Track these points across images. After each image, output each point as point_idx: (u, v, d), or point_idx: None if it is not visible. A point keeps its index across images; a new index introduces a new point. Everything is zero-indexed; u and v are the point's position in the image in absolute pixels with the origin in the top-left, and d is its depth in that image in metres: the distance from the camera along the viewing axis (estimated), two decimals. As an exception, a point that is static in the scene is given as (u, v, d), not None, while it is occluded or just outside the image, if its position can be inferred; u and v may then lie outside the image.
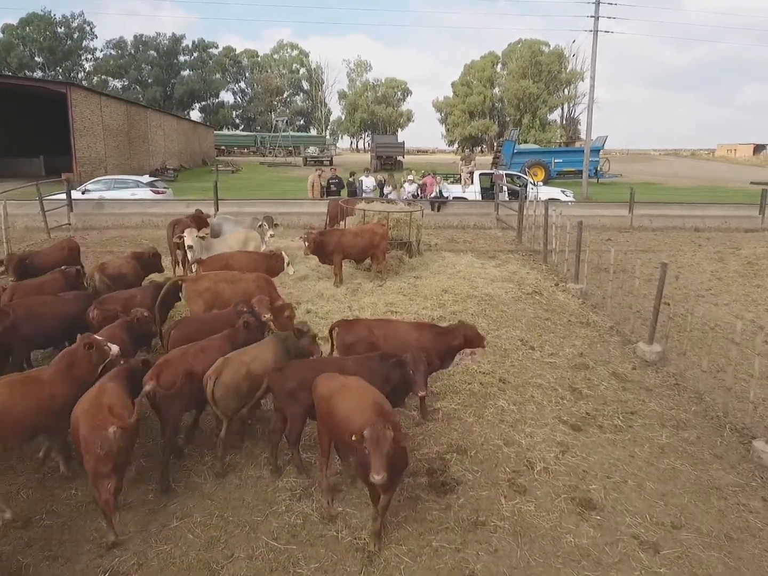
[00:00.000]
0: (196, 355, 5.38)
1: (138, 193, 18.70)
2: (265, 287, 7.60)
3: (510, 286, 11.15)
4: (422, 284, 11.01)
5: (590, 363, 7.99)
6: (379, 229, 10.78)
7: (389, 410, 4.42)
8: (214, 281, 7.40)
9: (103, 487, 4.28)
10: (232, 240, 9.73)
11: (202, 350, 5.47)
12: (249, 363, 5.30)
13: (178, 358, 5.27)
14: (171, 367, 5.13)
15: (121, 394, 4.68)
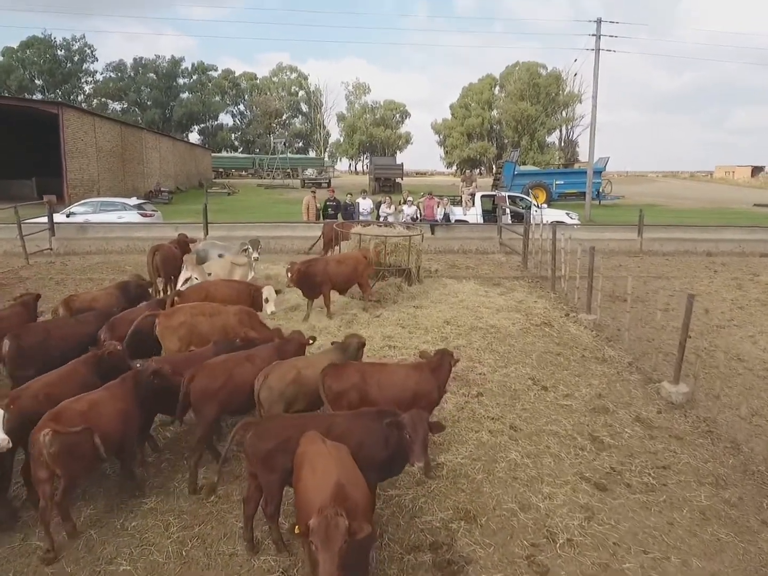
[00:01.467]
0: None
1: (125, 216, 17.95)
2: (247, 321, 6.84)
3: (517, 316, 10.37)
4: (423, 315, 10.22)
5: (610, 406, 7.18)
6: (363, 256, 10.06)
7: (357, 493, 3.56)
8: (191, 315, 6.61)
9: (42, 492, 4.27)
10: (216, 267, 8.95)
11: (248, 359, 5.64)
12: (301, 368, 5.40)
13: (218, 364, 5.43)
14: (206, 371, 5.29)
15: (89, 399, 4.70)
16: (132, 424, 5.00)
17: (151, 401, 5.22)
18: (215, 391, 5.22)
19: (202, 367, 5.35)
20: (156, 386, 5.19)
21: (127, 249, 15.26)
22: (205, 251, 10.55)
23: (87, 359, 5.71)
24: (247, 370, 5.46)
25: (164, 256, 9.78)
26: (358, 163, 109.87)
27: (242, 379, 5.36)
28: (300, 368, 5.43)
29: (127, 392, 5.03)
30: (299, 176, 55.95)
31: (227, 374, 5.33)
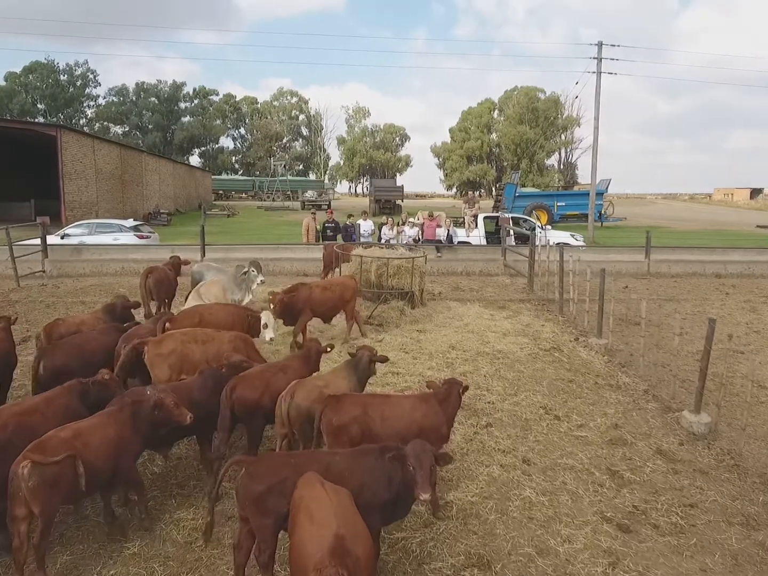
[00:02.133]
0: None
1: (121, 238, 17.63)
2: (243, 348, 6.44)
3: (525, 341, 9.96)
4: (427, 339, 9.81)
5: (628, 437, 6.74)
6: (349, 282, 9.65)
7: (358, 547, 3.15)
8: (182, 341, 6.22)
9: (17, 532, 3.89)
10: (204, 290, 8.56)
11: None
12: (322, 387, 5.41)
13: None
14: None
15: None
16: (126, 457, 4.61)
17: (149, 434, 4.83)
18: (258, 400, 5.39)
19: (242, 378, 5.49)
20: (156, 419, 4.79)
21: (122, 271, 14.90)
22: (200, 273, 10.18)
23: (71, 387, 5.34)
24: (282, 380, 5.64)
25: (157, 279, 9.41)
26: (358, 185, 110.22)
27: (278, 389, 5.49)
28: (320, 387, 5.44)
29: (124, 422, 4.65)
30: (299, 198, 55.94)
31: (266, 384, 5.53)
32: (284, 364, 5.97)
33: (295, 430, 5.31)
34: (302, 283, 9.13)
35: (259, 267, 9.90)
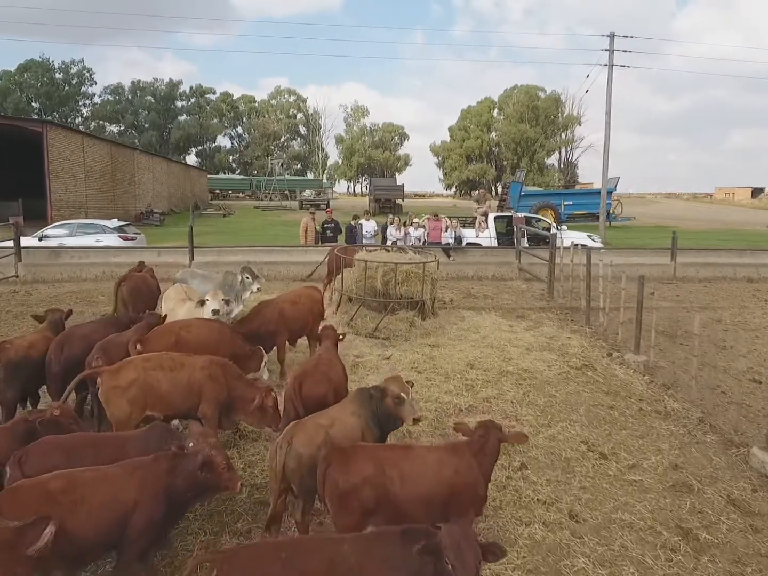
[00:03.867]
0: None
1: (103, 240, 16.41)
2: (221, 376, 5.29)
3: (552, 357, 8.78)
4: (441, 356, 8.63)
5: (692, 481, 5.58)
6: (315, 294, 8.38)
7: None
8: (144, 369, 5.04)
9: None
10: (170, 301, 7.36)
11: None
12: (327, 428, 4.40)
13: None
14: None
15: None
16: (138, 530, 3.50)
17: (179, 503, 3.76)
18: (325, 395, 5.15)
19: (305, 373, 5.39)
20: (198, 483, 3.74)
21: (103, 276, 13.64)
22: (183, 281, 8.99)
23: (13, 427, 4.34)
24: (340, 370, 5.63)
25: (133, 288, 8.21)
26: (357, 185, 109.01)
27: (338, 380, 5.47)
28: (326, 427, 4.43)
29: (153, 479, 3.63)
30: (297, 198, 54.73)
31: (327, 377, 5.35)
32: (330, 350, 5.90)
33: (294, 485, 4.24)
34: (265, 302, 7.74)
35: (252, 273, 8.72)
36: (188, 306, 6.89)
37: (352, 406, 4.81)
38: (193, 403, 5.28)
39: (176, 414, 5.39)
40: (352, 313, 9.74)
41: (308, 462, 4.14)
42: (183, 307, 6.88)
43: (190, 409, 5.31)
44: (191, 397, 5.26)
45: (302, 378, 5.23)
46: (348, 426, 4.62)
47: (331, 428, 4.43)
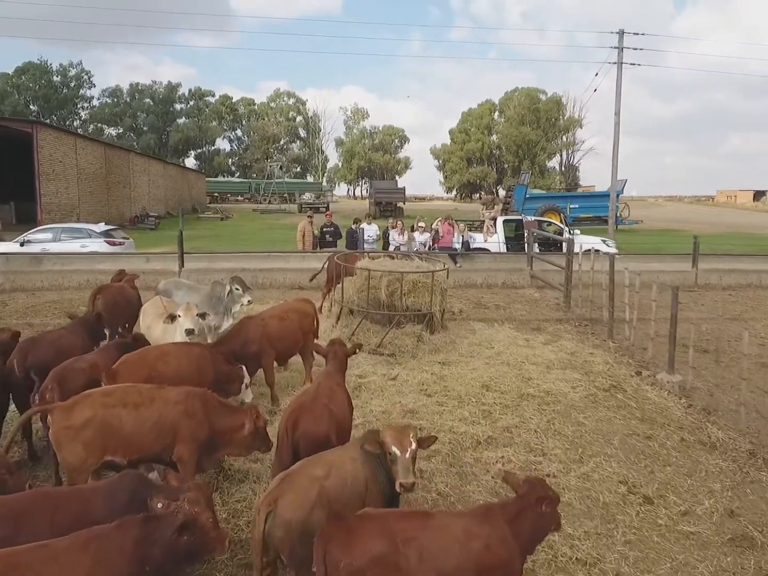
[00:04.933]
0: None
1: (89, 245, 15.55)
2: (200, 411, 4.44)
3: (575, 376, 7.91)
4: (452, 375, 7.76)
5: (753, 533, 4.74)
6: (307, 308, 7.41)
7: None
8: (103, 406, 4.19)
9: None
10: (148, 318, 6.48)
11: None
12: (322, 479, 3.54)
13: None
14: None
15: None
16: None
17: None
18: (326, 435, 4.25)
19: (301, 408, 4.43)
20: (178, 549, 2.91)
21: (86, 284, 12.67)
22: (167, 293, 8.12)
23: None
24: (344, 402, 4.77)
25: (110, 301, 7.35)
26: (357, 188, 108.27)
27: (343, 414, 4.63)
28: (320, 479, 3.54)
29: (116, 555, 2.82)
30: (296, 201, 53.89)
31: (328, 411, 4.42)
32: (331, 377, 4.95)
33: (283, 557, 3.41)
34: (247, 319, 6.82)
35: (243, 284, 7.84)
36: (167, 324, 6.03)
37: (354, 452, 3.95)
38: (165, 444, 4.43)
39: (144, 458, 4.53)
40: (353, 326, 8.87)
41: (299, 528, 3.32)
42: (161, 325, 6.02)
43: (162, 452, 4.46)
44: (163, 437, 4.40)
45: (298, 414, 4.35)
46: (348, 477, 3.75)
47: (329, 480, 3.58)
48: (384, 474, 3.87)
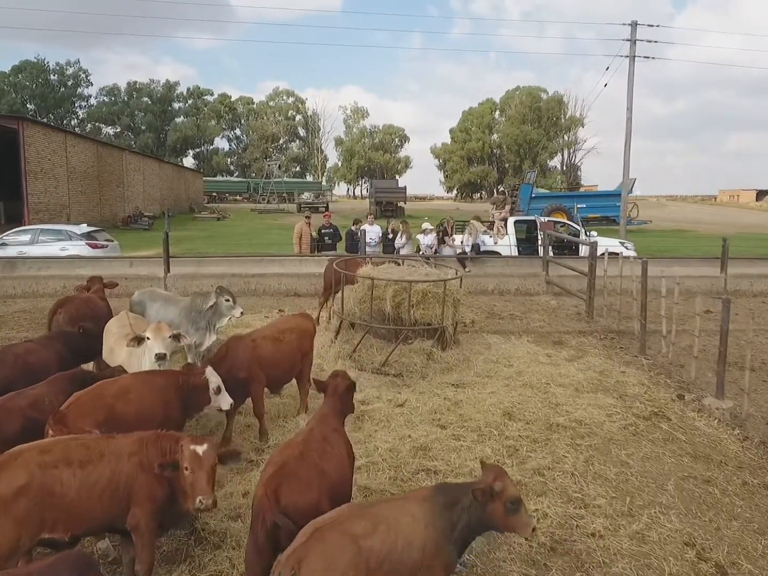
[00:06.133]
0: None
1: (69, 248, 14.50)
2: (156, 462, 3.45)
3: (609, 401, 6.89)
4: (469, 401, 6.74)
5: None
6: (305, 324, 6.41)
7: None
8: (40, 468, 3.21)
9: None
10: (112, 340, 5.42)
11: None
12: (360, 538, 2.73)
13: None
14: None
15: None
16: None
17: None
18: (316, 504, 3.32)
19: (284, 469, 3.42)
20: None
21: (64, 291, 11.46)
22: (141, 304, 7.12)
23: None
24: (341, 456, 3.79)
25: (74, 317, 6.30)
26: (357, 187, 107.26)
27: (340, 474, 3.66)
28: (359, 538, 2.80)
29: None
30: (295, 200, 52.85)
31: (319, 474, 3.49)
32: (321, 433, 3.85)
33: None
34: (236, 337, 5.79)
35: (231, 295, 6.82)
36: (133, 347, 5.01)
37: (418, 509, 3.03)
38: (119, 511, 3.45)
39: (92, 530, 3.56)
40: (355, 342, 7.84)
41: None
42: (126, 348, 5.00)
43: (114, 520, 3.48)
44: (117, 502, 3.44)
45: (279, 479, 3.35)
46: (400, 540, 2.86)
47: (371, 539, 2.79)
48: (454, 543, 3.04)
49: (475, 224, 14.38)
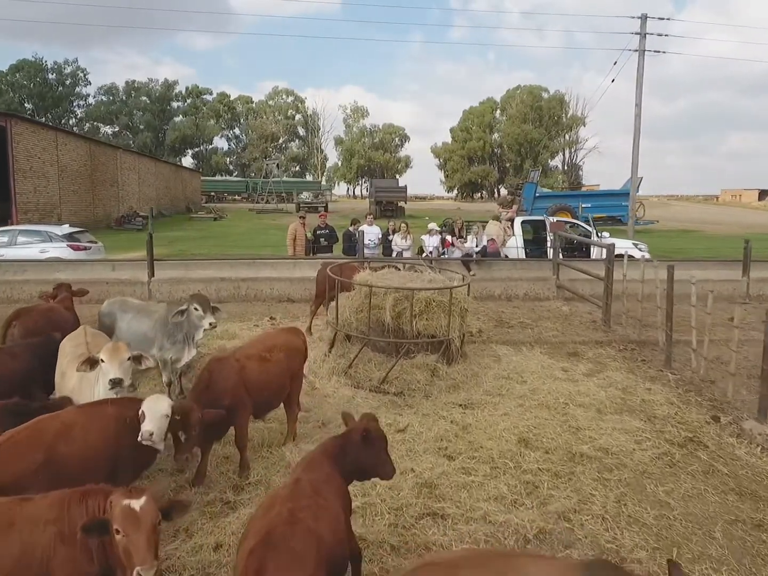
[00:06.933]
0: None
1: (50, 250, 13.71)
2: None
3: (636, 424, 6.12)
4: (478, 425, 5.97)
5: None
6: (296, 340, 5.61)
7: None
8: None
9: None
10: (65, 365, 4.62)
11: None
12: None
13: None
14: None
15: None
16: None
17: None
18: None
19: (269, 536, 2.62)
20: None
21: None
22: (110, 316, 6.34)
23: None
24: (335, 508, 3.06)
25: (31, 331, 5.55)
26: (357, 187, 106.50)
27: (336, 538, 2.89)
28: None
29: None
30: (294, 200, 52.04)
31: (314, 542, 2.71)
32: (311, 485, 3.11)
33: None
34: (218, 359, 4.96)
35: (205, 302, 6.02)
36: (85, 371, 4.24)
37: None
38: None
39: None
40: (351, 356, 7.07)
41: None
42: (76, 372, 4.22)
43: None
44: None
45: (265, 553, 2.56)
46: None
47: None
48: None
49: (495, 225, 13.54)
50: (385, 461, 3.54)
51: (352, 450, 3.46)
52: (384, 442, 3.57)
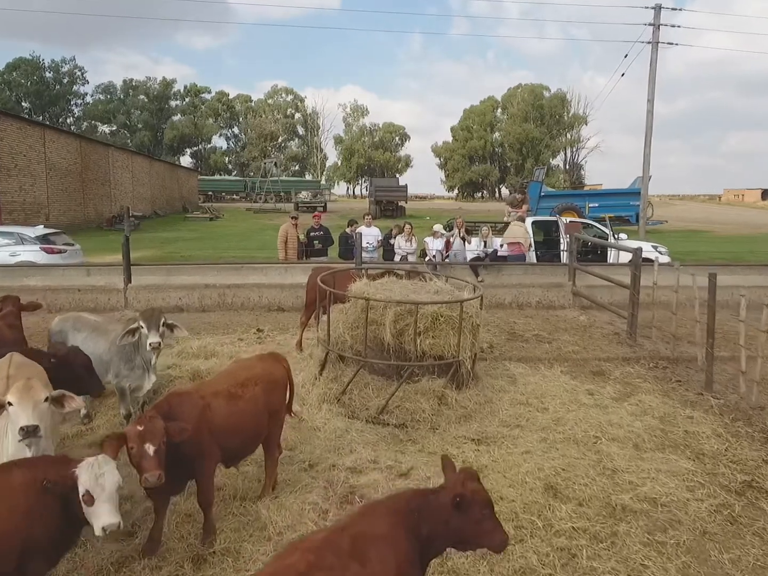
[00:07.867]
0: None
1: (20, 253, 12.69)
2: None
3: (684, 464, 5.14)
4: (496, 466, 4.99)
5: None
6: (276, 369, 4.53)
7: None
8: None
9: None
10: None
11: None
12: None
13: None
14: None
15: None
16: None
17: None
18: None
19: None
20: None
21: (5, 305, 9.92)
22: (62, 335, 5.39)
23: None
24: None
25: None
26: (357, 186, 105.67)
27: None
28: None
29: None
30: (293, 200, 51.07)
31: None
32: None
33: None
34: (177, 393, 4.00)
35: (151, 319, 4.96)
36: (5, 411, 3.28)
37: None
38: None
39: None
40: (345, 380, 6.09)
41: None
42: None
43: None
44: None
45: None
46: None
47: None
48: None
49: (519, 226, 12.48)
50: (492, 530, 2.68)
51: (438, 513, 2.62)
52: (487, 508, 2.66)
